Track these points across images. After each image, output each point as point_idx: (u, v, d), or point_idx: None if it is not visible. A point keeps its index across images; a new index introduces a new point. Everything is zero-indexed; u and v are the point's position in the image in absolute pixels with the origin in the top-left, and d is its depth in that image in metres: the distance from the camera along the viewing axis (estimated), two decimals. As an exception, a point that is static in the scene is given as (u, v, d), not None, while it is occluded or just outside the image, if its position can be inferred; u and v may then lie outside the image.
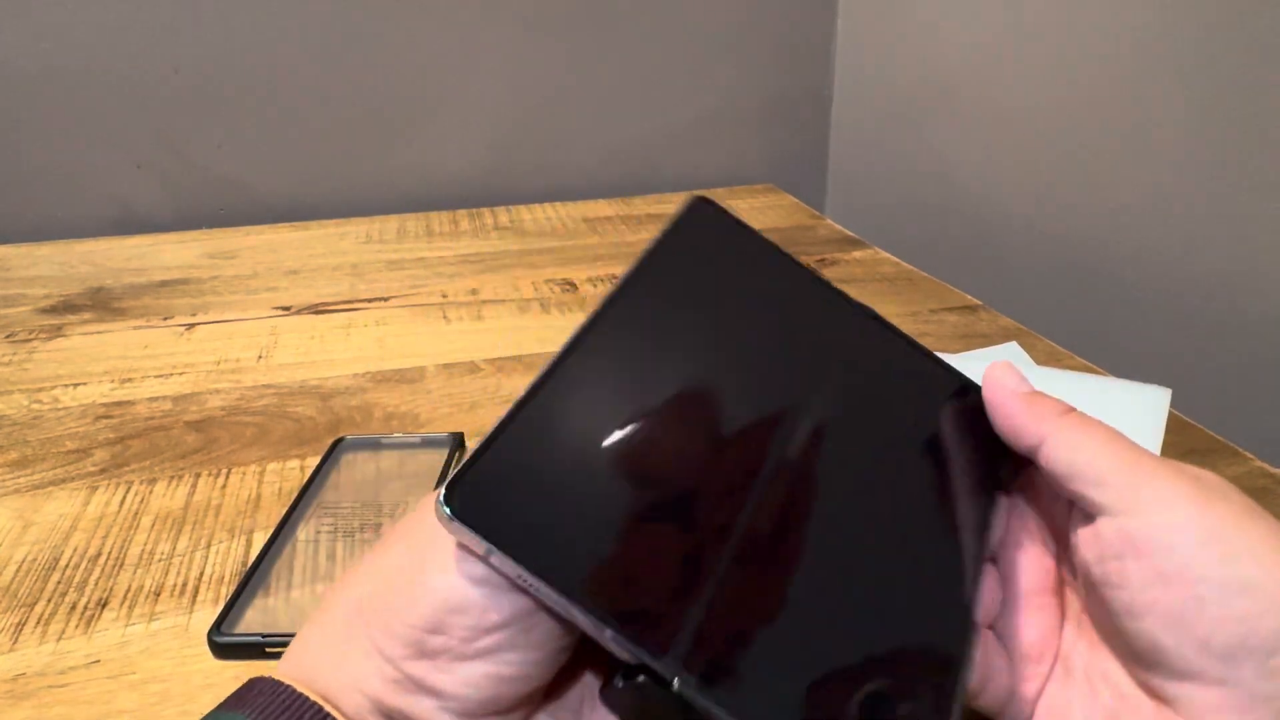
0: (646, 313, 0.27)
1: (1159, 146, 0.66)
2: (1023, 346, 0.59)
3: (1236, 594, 0.22)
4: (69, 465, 0.48)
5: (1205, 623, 0.22)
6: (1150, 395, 0.49)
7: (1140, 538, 0.23)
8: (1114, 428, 0.26)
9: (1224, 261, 0.63)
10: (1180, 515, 0.23)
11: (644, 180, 1.01)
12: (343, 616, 0.24)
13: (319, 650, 0.24)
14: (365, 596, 0.24)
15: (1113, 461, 0.24)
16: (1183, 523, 0.23)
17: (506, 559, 0.21)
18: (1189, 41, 0.62)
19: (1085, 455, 0.25)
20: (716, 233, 0.29)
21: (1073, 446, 0.25)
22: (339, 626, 0.24)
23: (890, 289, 0.71)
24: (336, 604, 0.25)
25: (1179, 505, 0.23)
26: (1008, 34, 0.79)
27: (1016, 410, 0.27)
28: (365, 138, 0.92)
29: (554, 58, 0.95)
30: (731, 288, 0.30)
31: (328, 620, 0.25)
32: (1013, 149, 0.81)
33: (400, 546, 0.24)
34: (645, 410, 0.25)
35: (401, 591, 0.23)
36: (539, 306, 0.68)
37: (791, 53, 1.02)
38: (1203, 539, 0.23)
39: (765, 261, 0.31)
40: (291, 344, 0.62)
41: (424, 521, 0.24)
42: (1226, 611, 0.22)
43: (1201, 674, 0.22)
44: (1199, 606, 0.22)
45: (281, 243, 0.83)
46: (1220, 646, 0.22)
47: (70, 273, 0.76)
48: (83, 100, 0.84)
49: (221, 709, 0.23)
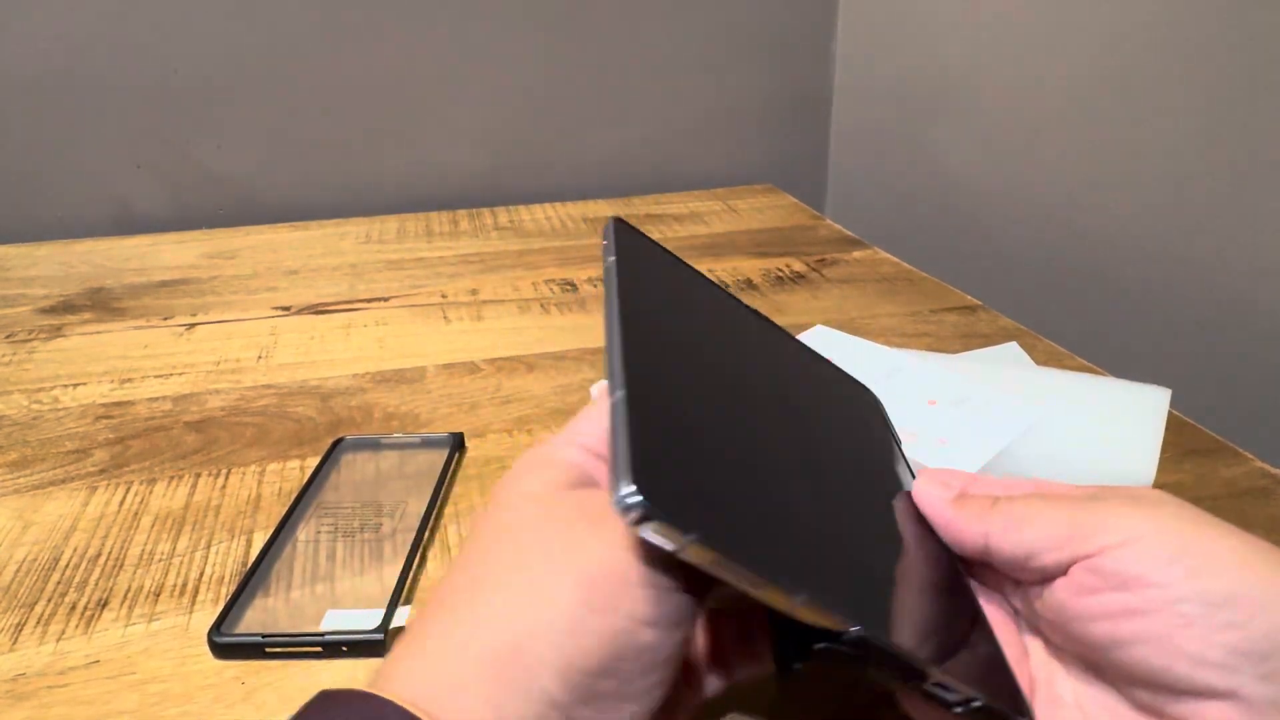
0: (651, 317, 0.28)
1: (1159, 147, 0.66)
2: (1023, 346, 0.59)
3: (1217, 607, 0.22)
4: (69, 465, 0.48)
5: (1195, 640, 0.22)
6: (1150, 395, 0.49)
7: (1109, 571, 0.23)
8: (1043, 482, 0.27)
9: (1224, 262, 0.63)
10: (1145, 542, 0.23)
11: (644, 180, 1.01)
12: (492, 657, 0.22)
13: (459, 690, 0.22)
14: (524, 637, 0.22)
15: (1058, 521, 0.25)
16: (1149, 548, 0.23)
17: (705, 549, 0.20)
18: (1189, 41, 0.63)
19: (1031, 531, 0.25)
20: (643, 248, 0.32)
21: (1018, 528, 0.26)
22: (488, 668, 0.22)
23: (890, 289, 0.71)
24: (472, 640, 0.22)
25: (1140, 533, 0.24)
26: (1008, 34, 0.79)
27: (950, 519, 0.28)
28: (365, 138, 0.92)
29: (554, 58, 0.95)
30: (677, 296, 0.32)
31: (463, 657, 0.22)
32: (1013, 149, 0.81)
33: (550, 578, 0.23)
34: (717, 391, 0.26)
35: (574, 635, 0.22)
36: (539, 306, 0.68)
37: (791, 53, 1.02)
38: (1170, 559, 0.23)
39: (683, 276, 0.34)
40: (291, 344, 0.62)
41: (572, 548, 0.23)
42: (1213, 624, 0.22)
43: (1204, 689, 0.22)
44: (1185, 625, 0.22)
45: (281, 243, 0.83)
46: (1216, 659, 0.22)
47: (70, 273, 0.76)
48: (83, 100, 0.84)
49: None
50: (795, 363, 0.34)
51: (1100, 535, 0.24)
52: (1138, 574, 0.23)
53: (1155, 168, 0.67)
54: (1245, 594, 0.22)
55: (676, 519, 0.19)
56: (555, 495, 0.25)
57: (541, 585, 0.23)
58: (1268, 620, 0.22)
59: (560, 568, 0.23)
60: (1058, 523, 0.25)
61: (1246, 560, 0.23)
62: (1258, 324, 0.61)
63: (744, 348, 0.32)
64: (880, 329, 0.63)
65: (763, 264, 0.76)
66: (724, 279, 0.73)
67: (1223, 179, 0.62)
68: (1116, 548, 0.24)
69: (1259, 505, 0.43)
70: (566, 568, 0.23)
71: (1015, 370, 0.54)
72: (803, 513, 0.24)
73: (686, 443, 0.22)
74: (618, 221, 0.30)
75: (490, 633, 0.22)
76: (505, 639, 0.22)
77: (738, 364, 0.30)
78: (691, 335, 0.29)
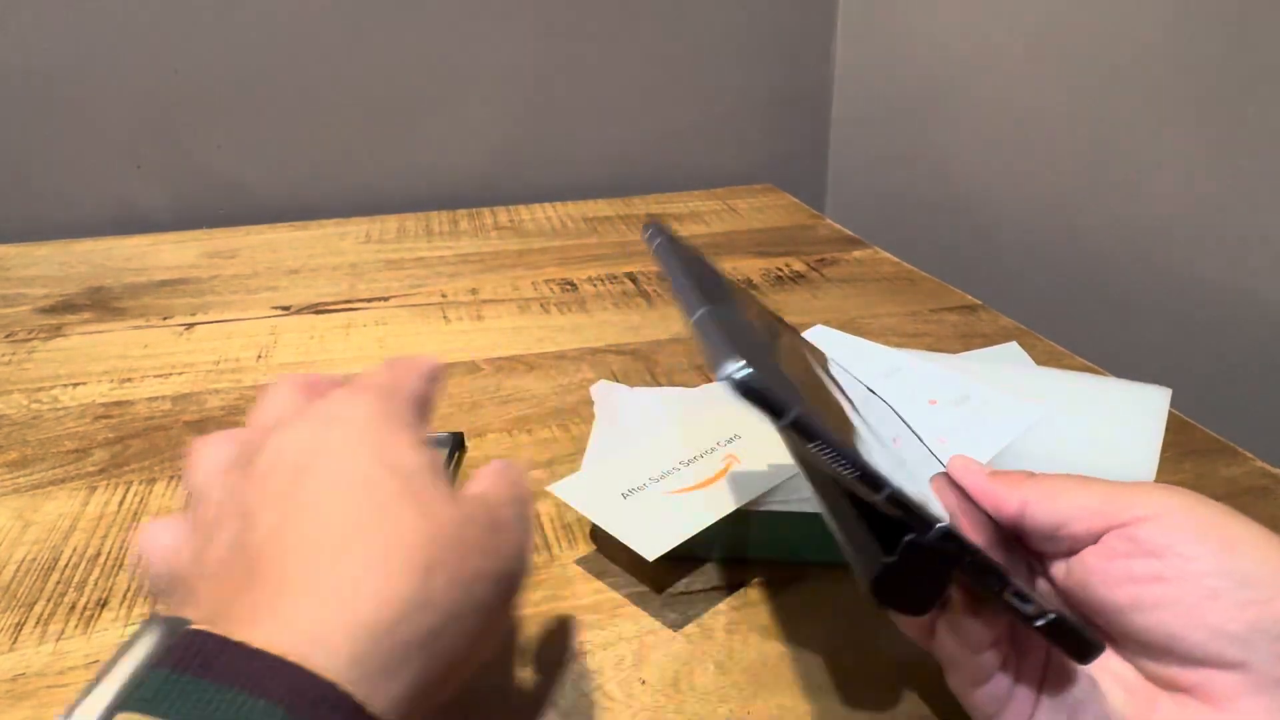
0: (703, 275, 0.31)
1: (1160, 146, 0.66)
2: (1023, 346, 0.59)
3: (1241, 584, 0.24)
4: (69, 465, 0.48)
5: (1218, 612, 0.24)
6: (1150, 395, 0.49)
7: (1142, 539, 0.25)
8: (1077, 473, 0.29)
9: (1224, 262, 0.63)
10: (1175, 518, 0.25)
11: (644, 180, 1.01)
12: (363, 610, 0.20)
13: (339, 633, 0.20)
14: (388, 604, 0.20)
15: (1092, 494, 0.27)
16: (1180, 524, 0.25)
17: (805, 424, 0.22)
18: (1190, 41, 0.63)
19: (1067, 500, 0.27)
20: (680, 240, 0.35)
21: (1053, 498, 0.27)
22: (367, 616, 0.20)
23: (890, 289, 0.71)
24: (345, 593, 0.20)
25: (1171, 509, 0.25)
26: (1008, 34, 0.79)
27: (991, 488, 0.29)
28: (365, 138, 0.92)
29: (554, 58, 0.95)
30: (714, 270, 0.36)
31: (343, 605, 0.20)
32: (1013, 149, 0.81)
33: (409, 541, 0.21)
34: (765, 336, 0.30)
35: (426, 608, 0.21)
36: (539, 306, 0.68)
37: (791, 52, 1.02)
38: (1199, 536, 0.25)
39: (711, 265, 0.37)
40: (291, 344, 0.62)
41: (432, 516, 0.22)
42: (1237, 599, 0.24)
43: (1218, 658, 0.24)
44: (1211, 596, 0.24)
45: (281, 243, 0.83)
46: (1235, 632, 0.24)
47: (70, 272, 0.76)
48: (83, 100, 0.84)
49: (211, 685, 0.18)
50: (809, 350, 0.37)
51: (1134, 508, 0.26)
52: (1169, 544, 0.25)
53: (1155, 167, 0.67)
54: (1269, 576, 0.24)
55: (775, 396, 0.21)
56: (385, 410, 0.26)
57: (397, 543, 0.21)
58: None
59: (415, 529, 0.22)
60: (1092, 495, 0.27)
61: (1269, 546, 0.25)
62: (1258, 324, 0.61)
63: (774, 322, 0.36)
64: (880, 329, 0.63)
65: (763, 264, 0.76)
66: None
67: (1223, 179, 0.62)
68: (1149, 520, 0.25)
69: (1259, 505, 0.43)
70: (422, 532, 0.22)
71: (1015, 370, 0.54)
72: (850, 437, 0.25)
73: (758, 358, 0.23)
74: (657, 221, 0.33)
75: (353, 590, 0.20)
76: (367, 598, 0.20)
77: (774, 327, 0.33)
78: (732, 294, 0.32)
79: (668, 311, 0.67)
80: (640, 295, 0.70)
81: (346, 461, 0.23)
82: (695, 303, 0.25)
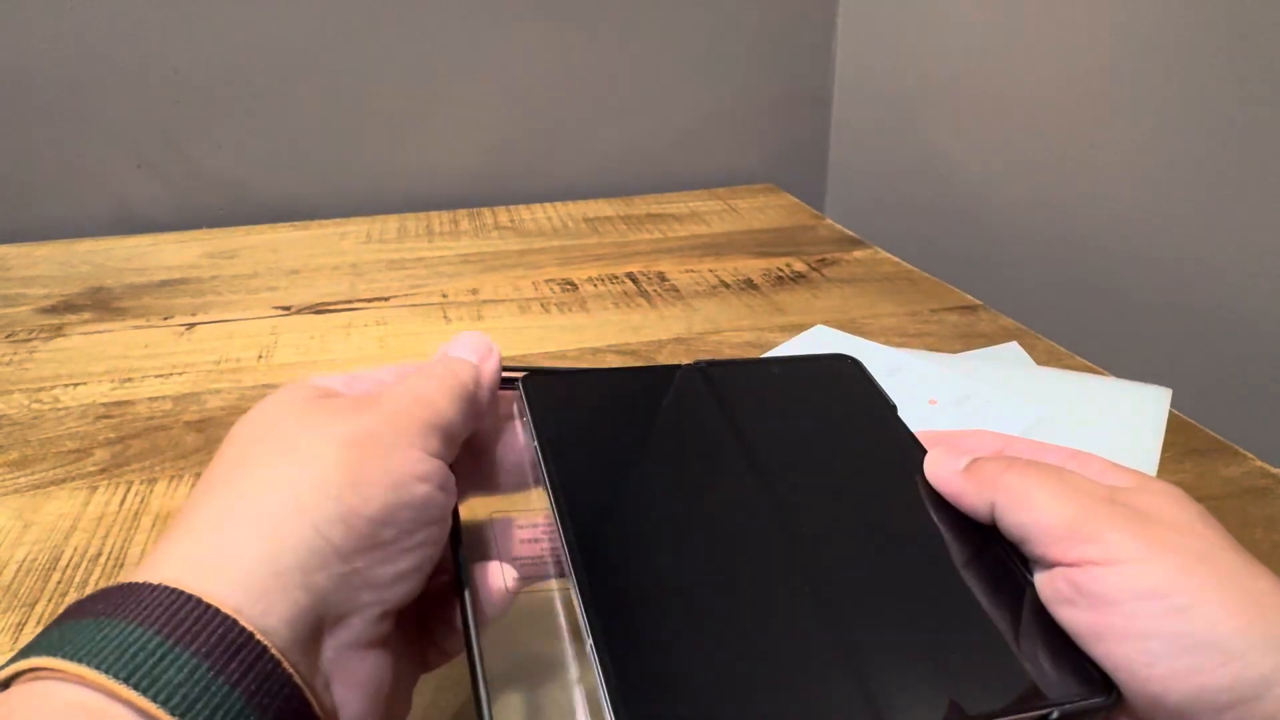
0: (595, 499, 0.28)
1: (1159, 146, 0.66)
2: (1023, 346, 0.59)
3: (1184, 651, 0.22)
4: (69, 465, 0.48)
5: (1157, 679, 0.22)
6: (1150, 395, 0.49)
7: (1087, 589, 0.23)
8: (1063, 471, 0.27)
9: (1224, 262, 0.63)
10: (1127, 568, 0.23)
11: (644, 180, 1.01)
12: (267, 517, 0.22)
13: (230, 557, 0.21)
14: (302, 494, 0.22)
15: (1059, 514, 0.25)
16: (1129, 574, 0.23)
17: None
18: (1191, 41, 0.63)
19: (1029, 517, 0.25)
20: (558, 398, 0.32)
21: (1018, 507, 0.26)
22: (264, 527, 0.22)
23: (890, 289, 0.71)
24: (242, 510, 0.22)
25: (1127, 555, 0.23)
26: (1008, 34, 0.79)
27: (961, 490, 0.28)
28: (365, 138, 0.92)
29: (554, 58, 0.95)
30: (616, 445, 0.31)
31: (233, 525, 0.22)
32: (1013, 148, 0.81)
33: (319, 444, 0.23)
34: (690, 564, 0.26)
35: (355, 485, 0.23)
36: (539, 306, 0.68)
37: (791, 53, 1.02)
38: (1148, 593, 0.22)
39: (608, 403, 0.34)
40: (292, 344, 0.62)
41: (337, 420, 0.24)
42: (1176, 668, 0.22)
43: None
44: (1150, 661, 0.22)
45: (281, 243, 0.83)
46: (1174, 705, 0.22)
47: (70, 273, 0.76)
48: (83, 100, 0.84)
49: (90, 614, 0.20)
50: (761, 405, 0.33)
51: (1089, 547, 0.24)
52: (1115, 599, 0.23)
53: (1156, 167, 0.67)
54: (1218, 642, 0.21)
55: None
56: (313, 393, 0.26)
57: (312, 451, 0.23)
58: (1233, 671, 0.21)
59: (328, 436, 0.24)
60: (1058, 516, 0.25)
61: (1234, 606, 0.22)
62: (1258, 324, 0.61)
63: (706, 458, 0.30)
64: (880, 329, 0.63)
65: (763, 264, 0.76)
66: (725, 279, 0.73)
67: (1224, 179, 0.62)
68: (1099, 564, 0.23)
69: (1259, 505, 0.43)
70: (334, 436, 0.24)
71: (1015, 370, 0.54)
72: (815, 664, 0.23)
73: (667, 665, 0.22)
74: (527, 379, 0.31)
75: (263, 499, 0.23)
76: (281, 500, 0.22)
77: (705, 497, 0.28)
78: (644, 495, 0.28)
79: (667, 312, 0.67)
80: (640, 295, 0.70)
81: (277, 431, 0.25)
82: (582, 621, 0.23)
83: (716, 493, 0.29)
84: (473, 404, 0.28)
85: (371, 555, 0.23)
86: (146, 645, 0.19)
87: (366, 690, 0.23)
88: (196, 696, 0.19)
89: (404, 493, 0.23)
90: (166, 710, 0.18)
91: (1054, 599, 0.25)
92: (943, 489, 0.29)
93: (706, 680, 0.22)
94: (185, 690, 0.18)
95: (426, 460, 0.24)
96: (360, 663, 0.23)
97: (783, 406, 0.33)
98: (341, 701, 0.22)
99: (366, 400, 0.26)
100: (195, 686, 0.19)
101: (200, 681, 0.19)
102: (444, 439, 0.25)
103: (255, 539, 0.21)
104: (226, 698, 0.19)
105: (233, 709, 0.19)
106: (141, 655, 0.19)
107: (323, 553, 0.22)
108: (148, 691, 0.18)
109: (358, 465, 0.23)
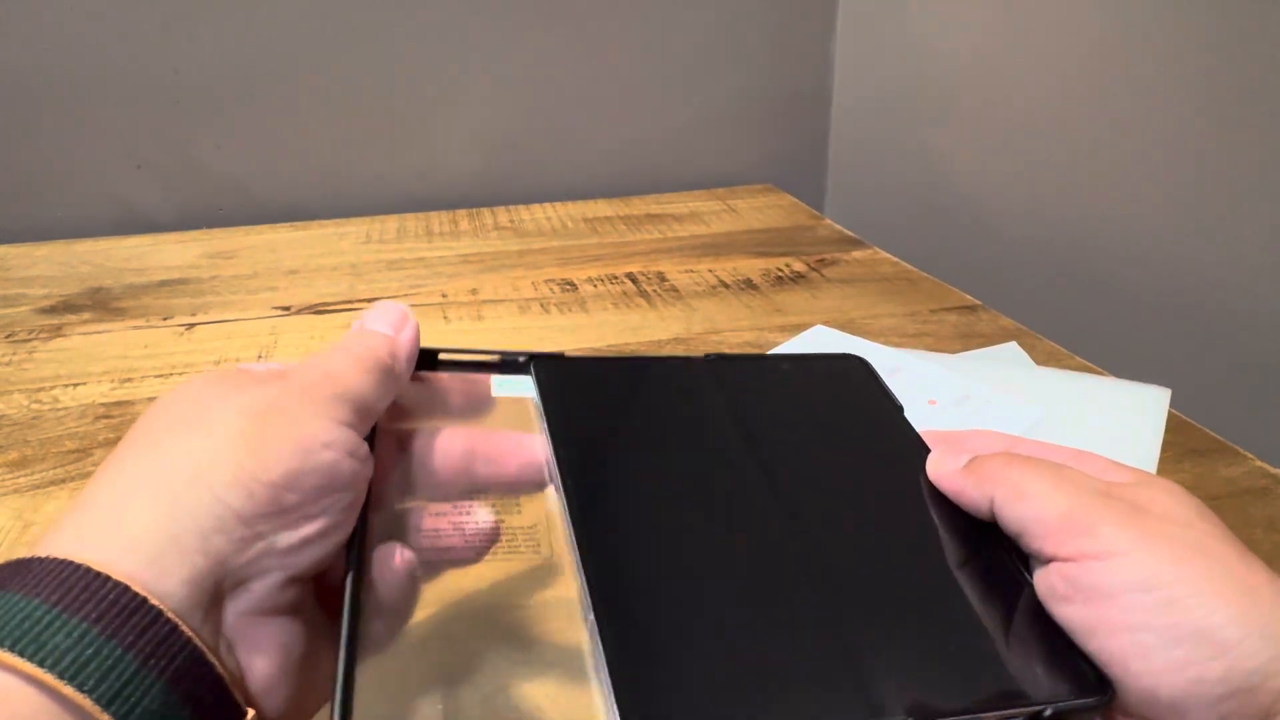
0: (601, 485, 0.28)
1: (1159, 146, 0.66)
2: (1023, 346, 0.59)
3: (1176, 643, 0.22)
4: (69, 465, 0.48)
5: (1150, 673, 0.22)
6: (1150, 395, 0.49)
7: (1081, 583, 0.24)
8: (1062, 466, 0.27)
9: (1224, 262, 0.63)
10: (1120, 561, 0.23)
11: (644, 180, 1.01)
12: (165, 485, 0.22)
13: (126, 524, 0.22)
14: (201, 465, 0.22)
15: (1055, 508, 0.25)
16: (1123, 566, 0.23)
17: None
18: (1190, 41, 0.63)
19: (1026, 510, 0.26)
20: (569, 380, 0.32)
21: (1016, 501, 0.26)
22: (161, 494, 0.22)
23: (890, 289, 0.71)
24: (143, 479, 0.23)
25: (1121, 548, 0.23)
26: (1007, 34, 0.79)
27: (961, 487, 0.28)
28: (365, 138, 0.92)
29: (554, 58, 0.95)
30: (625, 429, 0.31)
31: (132, 495, 0.22)
32: (1013, 149, 0.81)
33: (224, 414, 0.24)
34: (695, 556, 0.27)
35: (254, 453, 0.23)
36: (539, 306, 0.68)
37: (791, 53, 1.02)
38: (1140, 585, 0.23)
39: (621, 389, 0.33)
40: (292, 344, 0.62)
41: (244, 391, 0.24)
42: (1169, 660, 0.22)
43: (1155, 716, 0.22)
44: (1143, 654, 0.22)
45: (281, 243, 0.83)
46: (1167, 698, 0.22)
47: (70, 273, 0.76)
48: (83, 100, 0.84)
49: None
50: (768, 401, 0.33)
51: (1083, 540, 0.24)
52: (1108, 592, 0.23)
53: (1155, 167, 0.67)
54: (1211, 634, 0.21)
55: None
56: (229, 373, 0.26)
57: (215, 422, 0.24)
58: (1226, 663, 0.21)
59: (233, 407, 0.24)
60: (1053, 508, 0.25)
61: (1228, 597, 0.22)
62: (1257, 324, 0.61)
63: (713, 451, 0.30)
64: (880, 329, 0.63)
65: (763, 264, 0.76)
66: (724, 279, 0.73)
67: (1223, 179, 0.62)
68: (1093, 558, 0.23)
69: (1259, 505, 0.43)
70: (239, 406, 0.24)
71: (1015, 370, 0.54)
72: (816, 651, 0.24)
73: (667, 649, 0.22)
74: (538, 362, 0.31)
75: (163, 469, 0.23)
76: (180, 468, 0.22)
77: (710, 490, 0.28)
78: (649, 485, 0.28)
79: (667, 312, 0.67)
80: (640, 295, 0.70)
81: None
82: (585, 599, 0.23)
83: (722, 486, 0.29)
84: (387, 375, 0.27)
85: (274, 520, 0.23)
86: (33, 614, 0.19)
87: (274, 657, 0.23)
88: (87, 660, 0.19)
89: (309, 459, 0.23)
90: (54, 674, 0.18)
91: (1050, 596, 0.25)
92: (943, 486, 0.29)
93: (705, 668, 0.22)
94: (75, 654, 0.19)
95: (335, 428, 0.24)
96: (266, 628, 0.23)
97: (789, 403, 0.34)
98: (247, 665, 0.22)
99: (275, 374, 0.26)
100: (86, 650, 0.19)
101: (91, 645, 0.19)
102: (355, 409, 0.25)
103: (151, 506, 0.22)
104: (120, 660, 0.19)
105: (126, 670, 0.19)
106: (28, 624, 0.19)
107: (221, 517, 0.22)
108: (34, 657, 0.18)
109: (260, 432, 0.23)
